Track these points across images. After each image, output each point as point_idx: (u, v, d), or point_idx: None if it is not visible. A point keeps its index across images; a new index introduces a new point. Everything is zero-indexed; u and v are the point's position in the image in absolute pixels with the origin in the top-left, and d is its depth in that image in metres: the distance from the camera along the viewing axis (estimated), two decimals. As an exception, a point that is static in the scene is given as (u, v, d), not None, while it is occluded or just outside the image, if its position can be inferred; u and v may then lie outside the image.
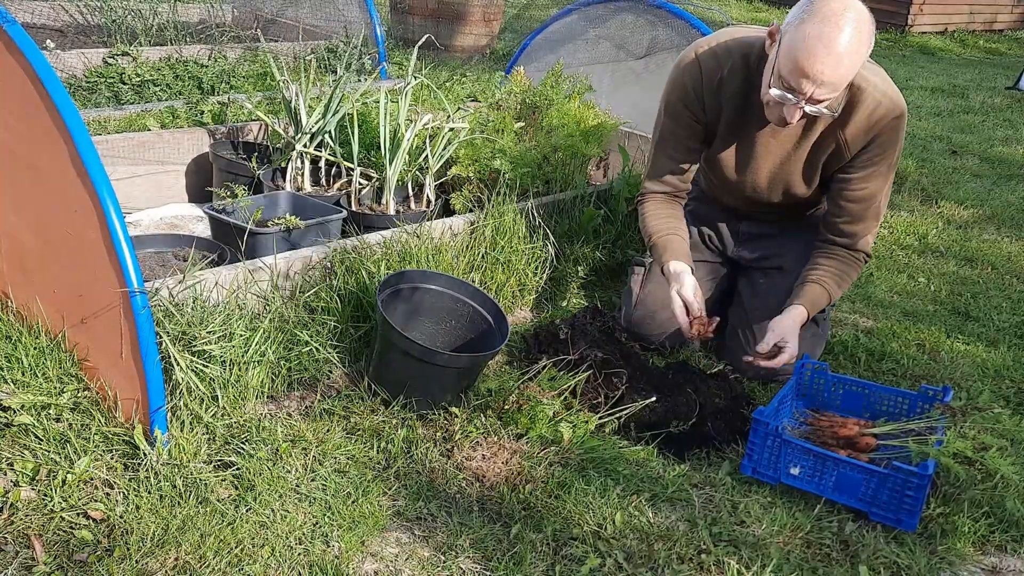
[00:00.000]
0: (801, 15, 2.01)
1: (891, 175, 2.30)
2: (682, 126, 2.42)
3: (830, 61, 1.96)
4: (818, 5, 1.99)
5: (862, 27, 1.96)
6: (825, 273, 2.38)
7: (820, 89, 2.02)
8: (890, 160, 2.26)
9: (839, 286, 2.39)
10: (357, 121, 3.13)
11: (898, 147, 2.26)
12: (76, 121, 1.80)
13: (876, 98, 2.18)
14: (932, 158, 5.37)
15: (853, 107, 2.19)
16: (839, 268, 2.38)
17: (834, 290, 2.38)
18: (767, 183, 2.44)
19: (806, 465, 2.04)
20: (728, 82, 2.29)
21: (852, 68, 1.99)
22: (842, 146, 2.25)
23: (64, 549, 1.70)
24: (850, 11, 1.96)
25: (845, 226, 2.36)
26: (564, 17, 4.20)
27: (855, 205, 2.32)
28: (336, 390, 2.29)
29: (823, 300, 2.38)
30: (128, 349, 1.89)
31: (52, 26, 5.10)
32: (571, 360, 2.36)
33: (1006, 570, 1.91)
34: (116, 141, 3.27)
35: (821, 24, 1.96)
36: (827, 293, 2.37)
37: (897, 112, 2.20)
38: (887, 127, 2.20)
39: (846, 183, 2.30)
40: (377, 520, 1.87)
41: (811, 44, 1.97)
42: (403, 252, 2.57)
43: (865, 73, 2.18)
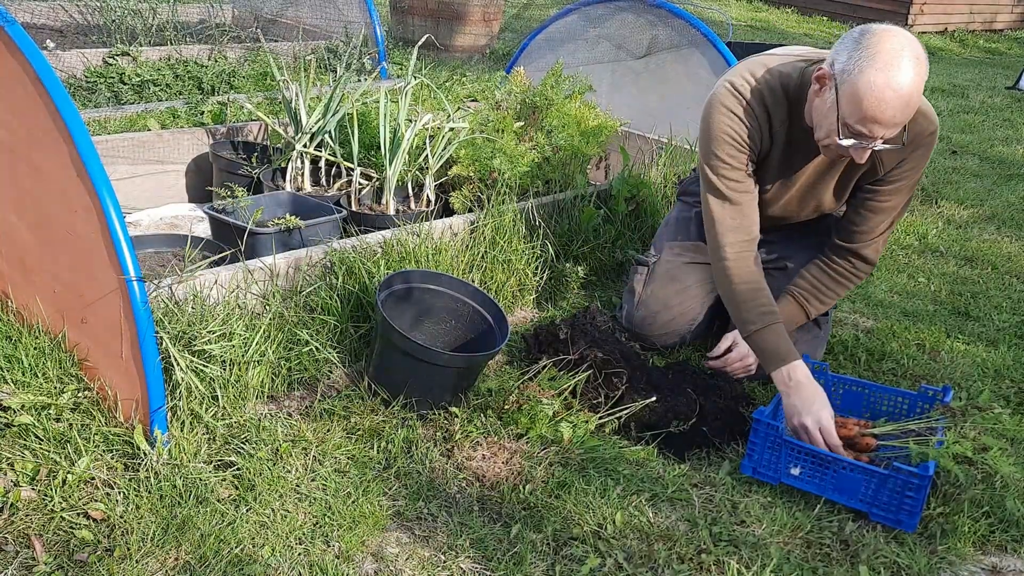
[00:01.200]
0: (860, 62, 1.94)
1: (914, 191, 2.31)
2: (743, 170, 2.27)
3: (900, 105, 1.94)
4: (874, 49, 1.93)
5: (920, 60, 1.94)
6: (809, 287, 2.37)
7: (892, 131, 2.00)
8: (919, 174, 2.27)
9: (822, 301, 2.38)
10: (357, 121, 3.13)
11: (926, 163, 2.26)
12: (76, 121, 1.80)
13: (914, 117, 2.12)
14: (932, 158, 5.36)
15: None
16: (829, 282, 2.38)
17: (813, 306, 2.37)
18: (799, 203, 2.43)
19: (806, 465, 2.04)
20: (775, 118, 2.23)
21: (918, 102, 2.00)
22: (877, 163, 2.24)
23: (64, 549, 1.70)
24: (906, 49, 1.92)
25: (859, 233, 2.35)
26: (564, 17, 4.20)
27: (876, 216, 2.32)
28: (336, 390, 2.29)
29: (796, 318, 2.37)
30: (128, 349, 1.89)
31: (52, 26, 5.10)
32: (571, 360, 2.36)
33: (1006, 570, 1.91)
34: (116, 141, 3.27)
35: (885, 71, 1.91)
36: (803, 311, 2.36)
37: (932, 128, 2.19)
38: (921, 143, 2.19)
39: (873, 194, 2.30)
40: (377, 520, 1.87)
41: (880, 93, 1.92)
42: (403, 252, 2.57)
43: None
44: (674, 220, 2.79)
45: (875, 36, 1.95)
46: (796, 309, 2.36)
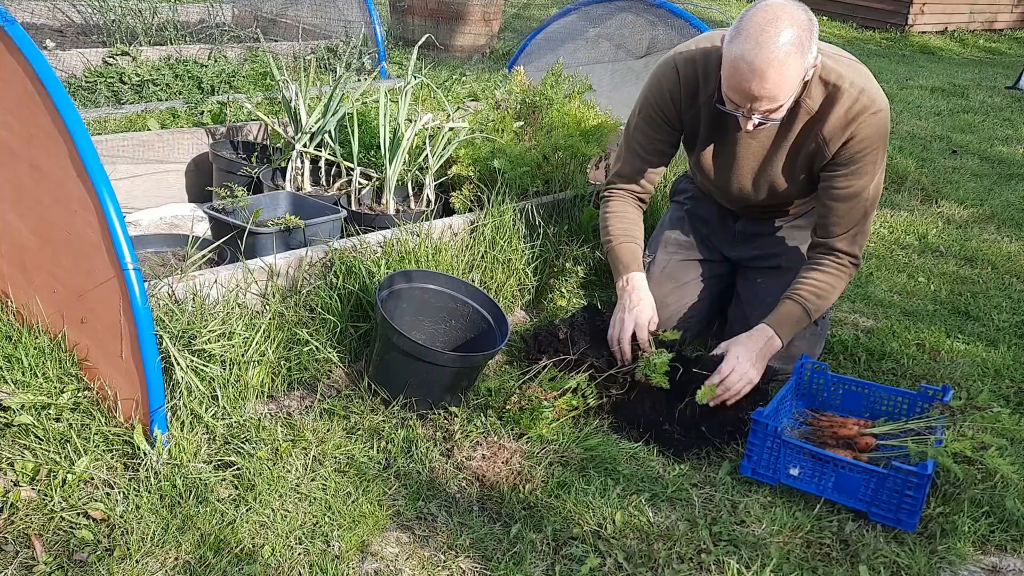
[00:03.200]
0: (731, 33, 2.06)
1: (878, 174, 2.28)
2: (655, 129, 2.45)
3: (755, 78, 2.02)
4: (743, 22, 2.03)
5: (784, 35, 1.98)
6: (808, 288, 2.36)
7: (758, 103, 2.07)
8: (874, 157, 2.24)
9: (820, 298, 2.36)
10: (357, 121, 3.13)
11: (881, 144, 2.24)
12: (76, 121, 1.80)
13: (853, 95, 2.18)
14: (932, 158, 5.37)
15: (830, 105, 2.20)
16: (824, 281, 2.36)
17: (814, 303, 2.35)
18: (751, 183, 2.45)
19: (805, 466, 2.04)
20: (704, 87, 2.31)
21: (781, 79, 2.02)
22: (821, 144, 2.25)
23: (64, 549, 1.70)
24: (770, 25, 1.99)
25: (832, 226, 2.34)
26: (564, 17, 4.20)
27: (841, 204, 2.30)
28: (336, 390, 2.29)
29: (800, 318, 2.36)
30: (128, 349, 1.89)
31: (52, 26, 5.11)
32: (571, 360, 2.36)
33: (1006, 570, 1.91)
34: (116, 141, 3.27)
35: (744, 42, 2.01)
36: (804, 311, 2.35)
37: (875, 108, 2.18)
38: (865, 123, 2.19)
39: (831, 180, 2.30)
40: (377, 520, 1.87)
41: (737, 64, 2.03)
42: (403, 252, 2.57)
43: (842, 70, 2.19)
44: (667, 220, 2.81)
45: (751, 10, 2.05)
46: (798, 310, 2.36)
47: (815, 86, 2.19)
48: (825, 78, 2.19)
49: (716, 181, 2.51)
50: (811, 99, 2.21)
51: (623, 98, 3.93)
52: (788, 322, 2.34)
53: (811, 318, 2.36)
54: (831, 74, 2.19)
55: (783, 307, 2.35)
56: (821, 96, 2.20)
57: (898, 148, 5.40)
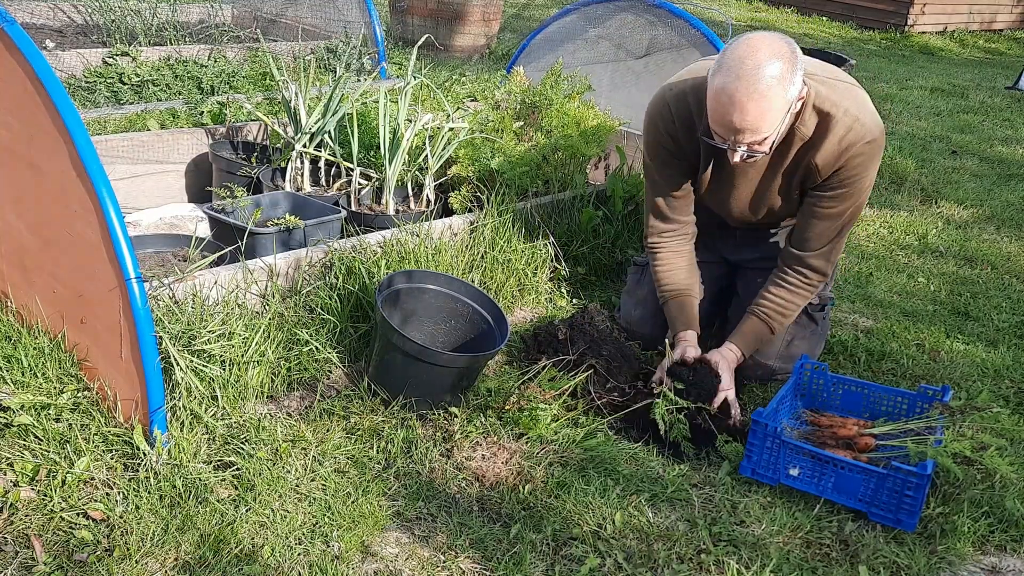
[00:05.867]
0: (715, 65, 2.07)
1: (861, 198, 2.30)
2: (667, 166, 2.45)
3: (736, 111, 2.02)
4: (726, 55, 2.04)
5: (765, 68, 1.99)
6: (773, 307, 2.41)
7: (741, 135, 2.07)
8: (863, 183, 2.26)
9: (784, 316, 2.41)
10: (357, 121, 3.13)
11: (872, 169, 2.25)
12: (75, 121, 1.80)
13: (847, 124, 2.18)
14: (932, 158, 5.37)
15: (823, 134, 2.20)
16: (783, 297, 2.40)
17: (776, 320, 2.41)
18: (749, 207, 2.47)
19: (805, 466, 2.04)
20: (699, 120, 2.31)
21: (762, 111, 2.02)
22: (814, 171, 2.26)
23: (64, 549, 1.70)
24: (750, 58, 1.99)
25: (809, 240, 2.36)
26: (564, 17, 4.20)
27: (821, 223, 2.32)
28: (336, 390, 2.29)
29: (764, 334, 2.42)
30: (128, 349, 1.89)
31: (51, 26, 5.11)
32: (570, 360, 2.36)
33: (1006, 570, 1.91)
34: (115, 141, 3.27)
35: (725, 75, 2.02)
36: (766, 325, 2.41)
37: (869, 137, 2.19)
38: (858, 152, 2.20)
39: (817, 200, 2.31)
40: (377, 520, 1.87)
41: (718, 97, 2.04)
42: (403, 252, 2.57)
43: (835, 98, 2.19)
44: None
45: (733, 43, 2.06)
46: (760, 325, 2.42)
47: (808, 114, 2.19)
48: (819, 106, 2.18)
49: (716, 206, 2.53)
50: (805, 126, 2.21)
51: (623, 98, 3.93)
52: (754, 340, 2.43)
53: (773, 333, 2.44)
54: (825, 102, 2.18)
55: (748, 324, 2.43)
56: (814, 124, 2.20)
57: (898, 148, 5.40)
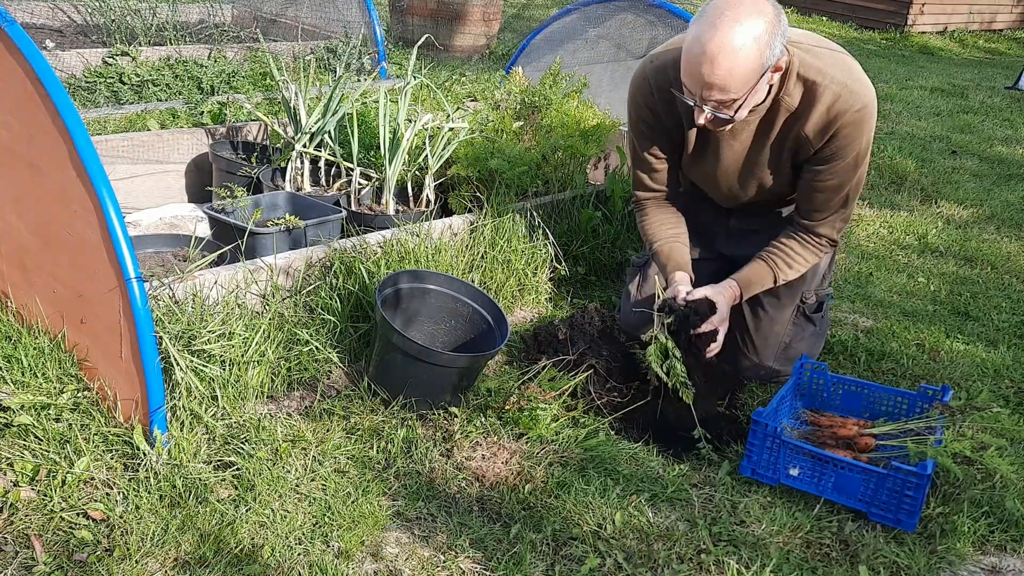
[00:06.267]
0: (695, 17, 2.03)
1: (861, 166, 2.23)
2: (648, 139, 2.43)
3: (706, 62, 1.97)
4: (707, 6, 1.99)
5: (743, 23, 1.93)
6: (777, 252, 2.35)
7: (708, 91, 2.02)
8: (857, 151, 2.19)
9: (790, 266, 2.34)
10: (357, 121, 3.13)
11: (864, 138, 2.18)
12: (75, 121, 1.80)
13: (835, 91, 2.11)
14: (932, 158, 5.37)
15: (811, 103, 2.15)
16: (794, 249, 2.34)
17: (783, 269, 2.34)
18: (737, 182, 2.42)
19: (805, 466, 2.04)
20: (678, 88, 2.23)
21: (732, 67, 1.97)
22: (804, 142, 2.19)
23: (64, 549, 1.70)
24: (731, 10, 1.94)
25: (814, 212, 2.31)
26: (564, 17, 4.20)
27: (821, 195, 2.27)
28: (336, 390, 2.29)
29: (766, 278, 2.35)
30: (128, 349, 1.89)
31: (51, 26, 5.11)
32: (570, 360, 2.36)
33: (1006, 570, 1.91)
34: (115, 141, 3.27)
35: (701, 25, 1.97)
36: (771, 271, 2.34)
37: (859, 105, 2.12)
38: (848, 120, 2.13)
39: (814, 174, 2.26)
40: (377, 520, 1.87)
41: (691, 46, 1.99)
42: (403, 252, 2.57)
43: (821, 66, 2.13)
44: None
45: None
46: (765, 269, 2.35)
47: (793, 83, 2.14)
48: (804, 75, 2.13)
49: (704, 182, 2.51)
50: (790, 96, 2.15)
51: (623, 98, 3.91)
52: (755, 283, 2.35)
53: (776, 284, 2.36)
54: (810, 70, 2.12)
55: (754, 267, 2.35)
56: (800, 93, 2.15)
57: (898, 148, 5.40)
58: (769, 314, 2.52)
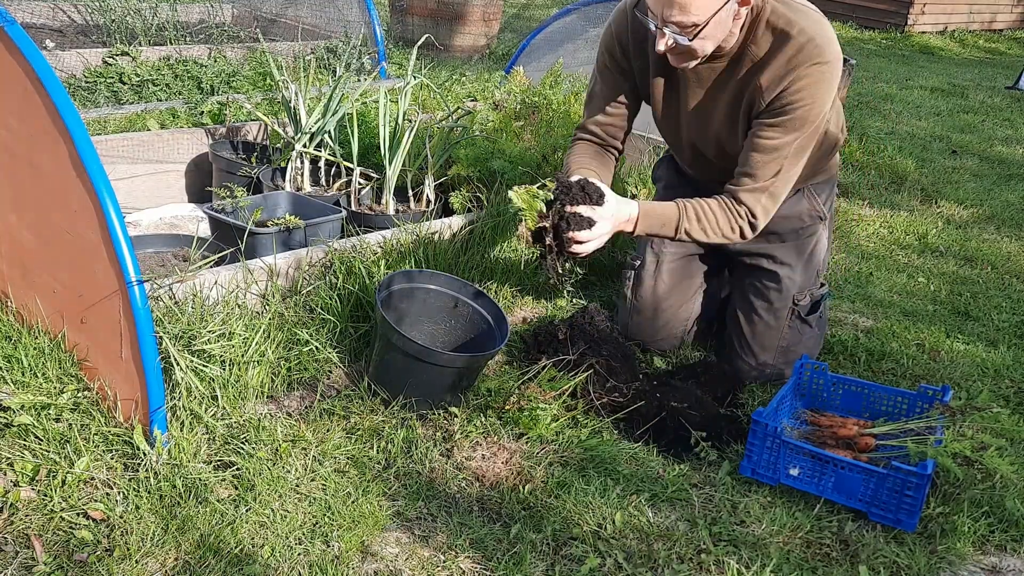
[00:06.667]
0: None
1: (804, 134, 2.09)
2: (608, 76, 2.38)
3: None
4: None
5: None
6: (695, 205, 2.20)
7: (670, 10, 1.96)
8: (807, 113, 2.06)
9: (699, 219, 2.18)
10: (357, 121, 3.13)
11: (819, 99, 2.06)
12: (75, 121, 1.80)
13: (799, 43, 2.03)
14: (932, 158, 5.37)
15: (775, 52, 2.07)
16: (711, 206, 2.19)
17: (690, 220, 2.18)
18: (697, 134, 2.34)
19: (805, 466, 2.04)
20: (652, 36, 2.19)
21: None
22: (758, 92, 2.10)
23: (64, 549, 1.70)
24: None
25: (743, 176, 2.17)
26: (564, 17, 4.20)
27: (757, 154, 2.13)
28: (336, 390, 2.29)
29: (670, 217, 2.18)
30: (128, 349, 1.89)
31: (51, 26, 5.10)
32: (570, 360, 2.36)
33: (1006, 570, 1.91)
34: (115, 141, 3.27)
35: None
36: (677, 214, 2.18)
37: (820, 58, 2.02)
38: (805, 73, 2.03)
39: (758, 128, 2.13)
40: (377, 520, 1.87)
41: None
42: (403, 252, 2.57)
43: (793, 17, 2.06)
44: None
45: None
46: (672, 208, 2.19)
47: (762, 33, 2.07)
48: (774, 23, 2.06)
49: (668, 134, 2.45)
50: (756, 46, 2.08)
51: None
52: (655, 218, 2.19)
53: (677, 232, 2.20)
54: (780, 19, 2.06)
55: (663, 205, 2.21)
56: (768, 43, 2.07)
57: (898, 148, 5.40)
58: (763, 318, 2.52)
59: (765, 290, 2.52)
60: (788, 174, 2.16)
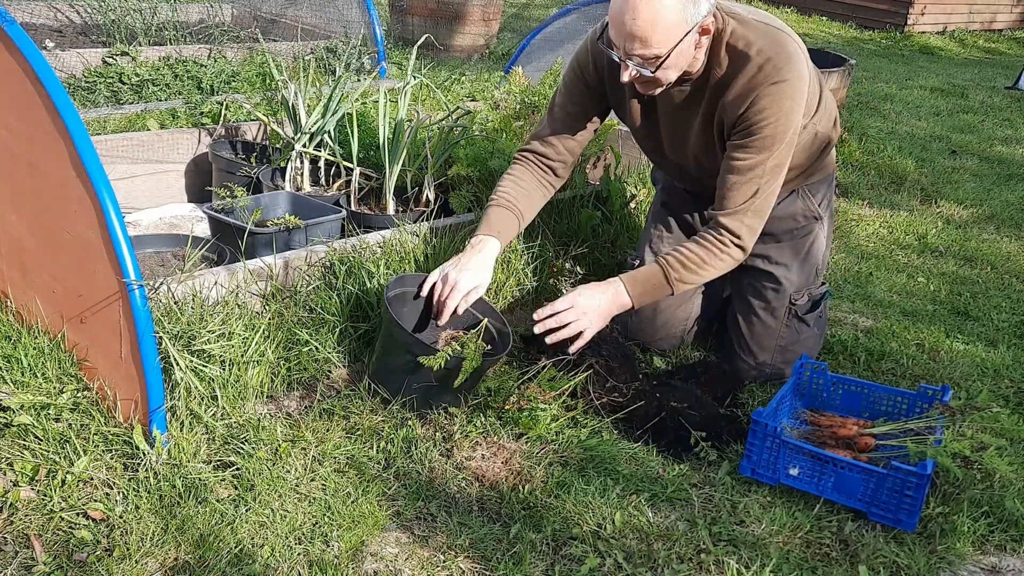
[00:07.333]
0: None
1: (777, 150, 2.12)
2: (573, 92, 2.38)
3: (628, 11, 1.95)
4: None
5: None
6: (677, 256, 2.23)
7: (632, 44, 1.99)
8: (773, 131, 2.09)
9: (686, 269, 2.21)
10: (356, 121, 3.13)
11: (784, 118, 2.09)
12: (75, 121, 1.80)
13: (758, 63, 2.07)
14: (932, 158, 5.37)
15: (735, 74, 2.11)
16: (691, 249, 2.23)
17: (676, 270, 2.21)
18: (676, 153, 2.36)
19: (805, 466, 2.04)
20: None
21: (654, 19, 1.94)
22: (725, 112, 2.15)
23: (64, 549, 1.70)
24: None
25: (722, 199, 2.20)
26: (564, 17, 4.20)
27: (732, 176, 2.16)
28: (336, 390, 2.29)
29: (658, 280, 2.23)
30: (127, 349, 1.89)
31: (51, 26, 5.10)
32: (570, 360, 2.36)
33: (1006, 570, 1.91)
34: (115, 141, 3.27)
35: None
36: (664, 276, 2.22)
37: (777, 78, 2.06)
38: (765, 92, 2.07)
39: (729, 150, 2.17)
40: (377, 520, 1.87)
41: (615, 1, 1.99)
42: (403, 252, 2.57)
43: (752, 37, 2.09)
44: (651, 216, 2.77)
45: None
46: (658, 274, 2.24)
47: (723, 54, 2.11)
48: (733, 44, 2.10)
49: (650, 153, 2.47)
50: (719, 67, 2.12)
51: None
52: (643, 282, 2.24)
53: (671, 287, 2.23)
54: (740, 41, 2.10)
55: (645, 267, 2.28)
56: (727, 65, 2.12)
57: (898, 148, 5.40)
58: (761, 318, 2.52)
59: (762, 290, 2.53)
60: (768, 191, 2.18)
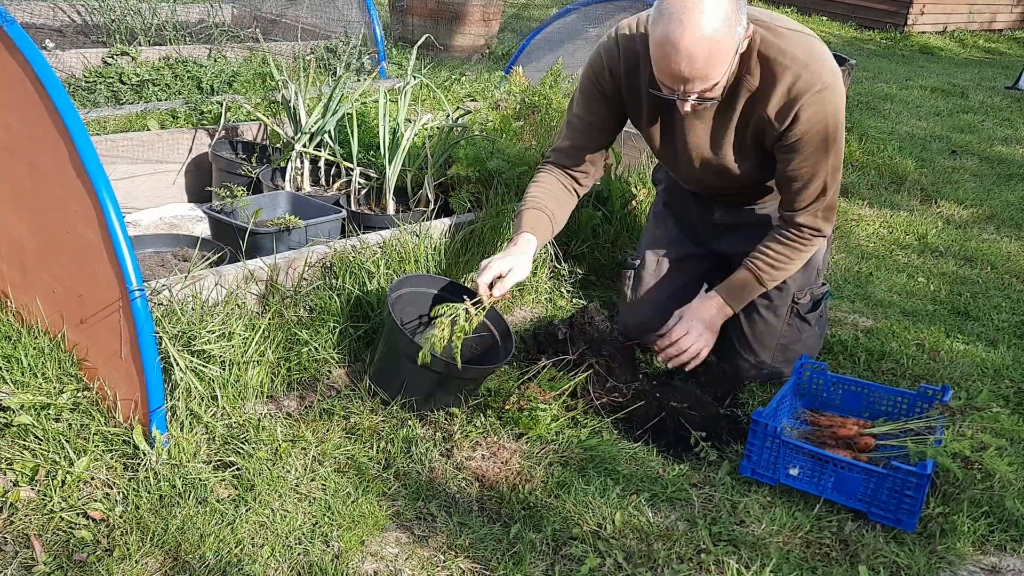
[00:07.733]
0: (654, 13, 1.98)
1: (832, 150, 2.17)
2: (592, 103, 2.37)
3: (684, 60, 1.94)
4: (664, 1, 1.95)
5: (708, 12, 1.90)
6: (759, 255, 2.33)
7: (691, 84, 1.99)
8: (824, 135, 2.14)
9: (774, 267, 2.32)
10: (356, 121, 3.13)
11: (830, 120, 2.13)
12: (75, 121, 1.80)
13: (795, 72, 2.08)
14: (932, 158, 5.37)
15: (771, 83, 2.11)
16: (774, 249, 2.31)
17: (766, 271, 2.32)
18: (701, 164, 2.37)
19: (805, 466, 2.04)
20: (645, 67, 2.21)
21: (711, 58, 1.94)
22: (766, 124, 2.16)
23: (64, 549, 1.70)
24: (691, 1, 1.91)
25: (793, 202, 2.27)
26: (564, 17, 4.20)
27: (796, 183, 2.23)
28: (336, 390, 2.29)
29: (750, 282, 2.35)
30: (127, 349, 1.89)
31: (51, 26, 5.10)
32: (570, 360, 2.36)
33: (1006, 570, 1.91)
34: (115, 141, 3.27)
35: (667, 23, 1.92)
36: (753, 274, 2.33)
37: (819, 86, 2.08)
38: (809, 101, 2.09)
39: (786, 162, 2.21)
40: (377, 520, 1.87)
41: (663, 47, 1.95)
42: (403, 252, 2.57)
43: (783, 45, 2.10)
44: (651, 216, 2.77)
45: None
46: (745, 274, 2.35)
47: (754, 62, 2.10)
48: (765, 53, 2.09)
49: (668, 163, 2.47)
50: (751, 76, 2.12)
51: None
52: (740, 290, 2.37)
53: (765, 287, 2.36)
54: (771, 49, 2.09)
55: (737, 275, 2.37)
56: (761, 73, 2.11)
57: (898, 148, 5.40)
58: (763, 316, 2.52)
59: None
60: (834, 187, 2.26)
